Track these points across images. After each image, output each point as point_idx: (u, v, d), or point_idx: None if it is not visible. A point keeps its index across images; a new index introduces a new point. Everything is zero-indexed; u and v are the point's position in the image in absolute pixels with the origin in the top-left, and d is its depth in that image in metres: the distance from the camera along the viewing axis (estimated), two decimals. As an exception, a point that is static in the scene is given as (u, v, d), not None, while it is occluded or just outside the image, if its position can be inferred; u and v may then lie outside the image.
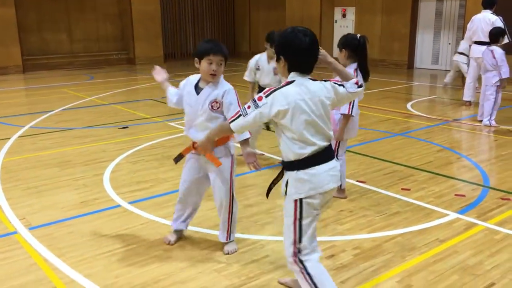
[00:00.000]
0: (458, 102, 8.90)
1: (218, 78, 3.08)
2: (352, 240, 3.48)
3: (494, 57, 6.89)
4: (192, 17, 18.44)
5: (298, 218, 2.40)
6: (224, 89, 3.07)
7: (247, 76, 5.39)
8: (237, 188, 4.42)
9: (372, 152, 5.60)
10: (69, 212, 4.03)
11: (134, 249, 3.37)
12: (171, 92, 3.31)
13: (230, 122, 2.41)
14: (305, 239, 2.42)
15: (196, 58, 3.10)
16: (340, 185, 4.24)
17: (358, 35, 3.96)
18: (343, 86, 2.45)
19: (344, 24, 15.39)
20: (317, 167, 2.36)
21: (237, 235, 3.45)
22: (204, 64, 3.04)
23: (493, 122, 6.95)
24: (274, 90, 2.31)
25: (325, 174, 2.37)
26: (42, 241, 3.48)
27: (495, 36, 7.07)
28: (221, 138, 3.04)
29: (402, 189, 4.47)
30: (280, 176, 2.52)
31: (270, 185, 2.55)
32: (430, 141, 6.13)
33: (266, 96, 2.30)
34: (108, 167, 5.17)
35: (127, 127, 7.06)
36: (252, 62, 5.29)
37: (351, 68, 3.94)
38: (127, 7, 16.03)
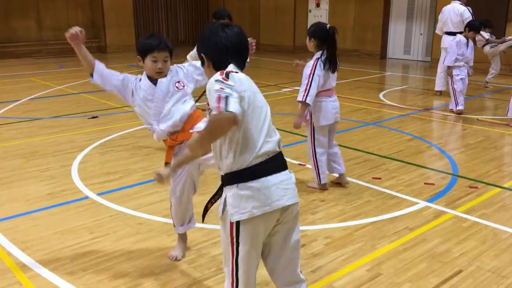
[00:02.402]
0: (429, 91, 9.02)
1: (165, 73, 2.87)
2: (324, 229, 3.48)
3: None
4: (165, 4, 18.11)
5: (236, 246, 1.96)
6: (176, 68, 2.95)
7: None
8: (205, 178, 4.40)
9: (344, 141, 5.62)
10: (35, 204, 3.92)
11: (102, 242, 3.29)
12: (109, 71, 2.96)
13: (227, 109, 1.74)
14: (243, 275, 2.00)
15: (138, 56, 2.86)
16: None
17: (328, 26, 3.94)
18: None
19: (318, 13, 15.38)
20: (264, 178, 1.90)
21: (207, 225, 3.41)
22: (148, 62, 2.82)
23: (459, 107, 7.06)
24: (227, 73, 1.88)
25: (275, 188, 1.92)
26: (6, 235, 3.37)
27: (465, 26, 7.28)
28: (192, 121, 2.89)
29: (373, 178, 4.51)
30: (219, 192, 2.05)
31: (207, 204, 2.13)
32: (401, 131, 6.19)
33: (227, 76, 1.86)
34: (76, 158, 5.05)
35: (97, 116, 6.91)
36: None
37: (315, 57, 3.98)
38: (98, -6, 15.67)
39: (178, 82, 2.91)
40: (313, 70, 3.91)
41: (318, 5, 15.37)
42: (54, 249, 3.19)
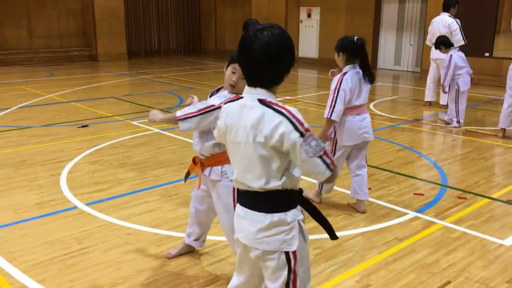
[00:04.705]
0: (419, 102, 9.09)
1: (238, 91, 2.61)
2: (314, 240, 3.47)
3: None
4: (156, 13, 18.14)
5: None
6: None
7: None
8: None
9: (334, 151, 5.63)
10: (23, 214, 3.88)
11: (90, 252, 3.27)
12: None
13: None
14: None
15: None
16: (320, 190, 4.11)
17: (355, 37, 3.72)
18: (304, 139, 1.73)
19: (310, 24, 15.49)
20: (237, 204, 1.98)
21: (198, 236, 3.40)
22: (228, 71, 2.67)
23: (452, 122, 7.12)
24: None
25: (236, 218, 1.99)
26: (-7, 245, 3.34)
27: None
28: (216, 158, 2.72)
29: (363, 188, 4.51)
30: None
31: None
32: (391, 141, 6.23)
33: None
34: (65, 167, 5.02)
35: (87, 125, 6.88)
36: None
37: (343, 71, 3.77)
38: (90, 3, 15.64)
39: None
40: (338, 85, 3.70)
41: (309, 15, 15.48)
42: (42, 260, 3.16)
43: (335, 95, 3.72)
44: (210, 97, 2.83)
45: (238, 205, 1.95)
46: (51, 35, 15.61)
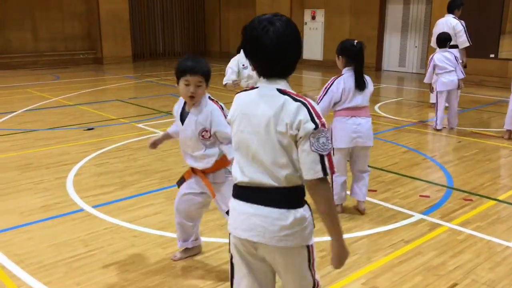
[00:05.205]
0: (424, 104, 9.07)
1: (198, 100, 2.76)
2: (319, 242, 3.46)
3: None
4: (161, 16, 18.21)
5: (230, 257, 1.96)
6: (209, 111, 2.77)
7: (229, 80, 5.11)
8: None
9: (339, 153, 5.62)
10: (29, 217, 3.90)
11: (96, 255, 3.28)
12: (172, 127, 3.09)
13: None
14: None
15: (176, 78, 2.80)
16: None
17: (355, 41, 3.76)
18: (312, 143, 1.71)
19: (314, 26, 15.50)
20: (237, 201, 1.86)
21: (203, 238, 3.40)
22: (181, 85, 2.72)
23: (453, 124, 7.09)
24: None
25: (237, 214, 1.85)
26: (0, 248, 3.36)
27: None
28: (221, 161, 2.82)
29: (368, 190, 4.48)
30: None
31: None
32: (396, 143, 6.21)
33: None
34: (71, 170, 5.04)
35: (92, 128, 6.91)
36: (233, 62, 5.15)
37: (341, 73, 3.80)
38: (94, 6, 15.72)
39: (205, 131, 2.78)
40: (329, 85, 3.75)
41: (313, 17, 15.49)
42: (48, 262, 3.17)
43: (323, 94, 3.79)
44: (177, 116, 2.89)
45: (242, 202, 1.82)
46: (56, 38, 15.69)
